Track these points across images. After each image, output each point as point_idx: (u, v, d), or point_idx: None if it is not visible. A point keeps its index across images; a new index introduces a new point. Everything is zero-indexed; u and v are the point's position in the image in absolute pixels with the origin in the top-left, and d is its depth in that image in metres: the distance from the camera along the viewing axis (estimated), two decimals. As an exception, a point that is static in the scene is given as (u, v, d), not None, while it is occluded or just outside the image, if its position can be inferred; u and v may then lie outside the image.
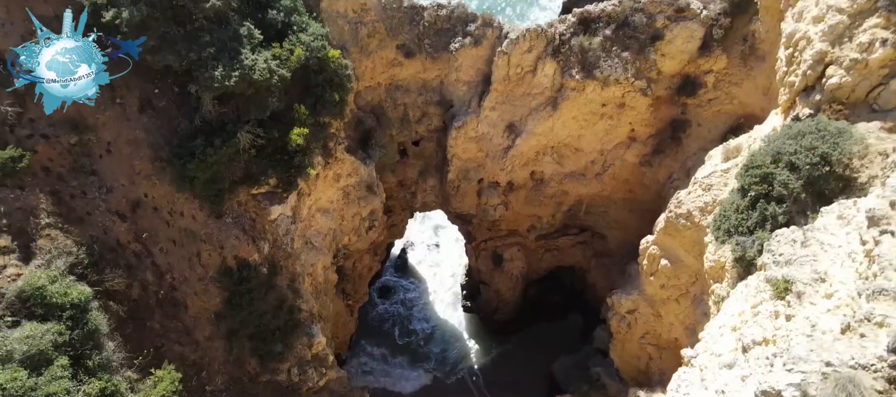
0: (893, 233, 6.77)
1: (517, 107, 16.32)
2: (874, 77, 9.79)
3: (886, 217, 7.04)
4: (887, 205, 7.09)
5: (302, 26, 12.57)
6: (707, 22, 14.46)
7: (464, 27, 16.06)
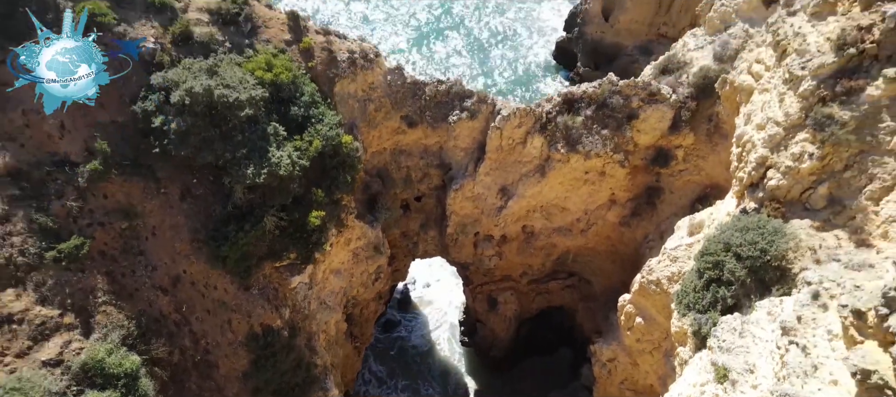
0: (798, 344, 8.47)
1: (509, 172, 18.11)
2: (805, 182, 11.53)
3: (794, 328, 8.74)
4: (795, 319, 8.79)
5: (319, 117, 14.37)
6: (676, 105, 16.29)
7: (461, 102, 17.89)
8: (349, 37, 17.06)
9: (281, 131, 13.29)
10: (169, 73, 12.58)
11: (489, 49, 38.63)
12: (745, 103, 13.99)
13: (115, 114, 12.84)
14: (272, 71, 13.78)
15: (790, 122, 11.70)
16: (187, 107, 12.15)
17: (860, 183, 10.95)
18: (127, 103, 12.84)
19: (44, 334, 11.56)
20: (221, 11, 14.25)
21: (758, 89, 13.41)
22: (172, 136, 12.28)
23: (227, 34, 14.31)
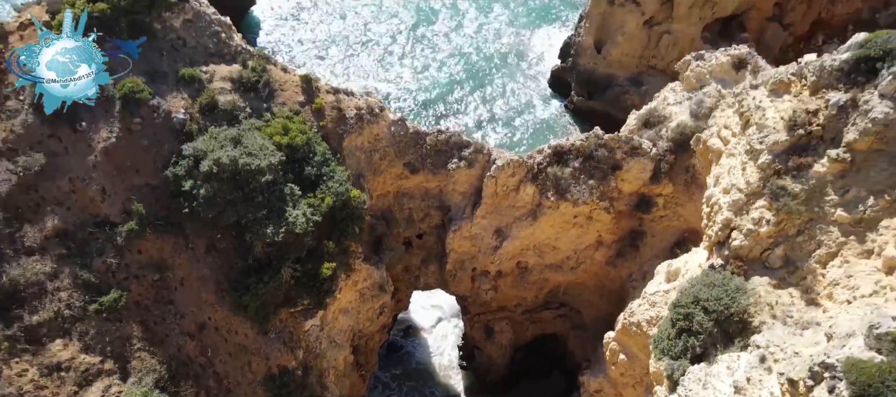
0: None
1: (504, 216, 19.57)
2: (764, 243, 12.93)
3: (744, 388, 10.17)
4: (745, 380, 10.21)
5: (330, 174, 15.84)
6: (656, 157, 17.75)
7: (459, 152, 19.37)
8: (356, 92, 18.56)
9: (296, 191, 14.76)
10: (198, 142, 14.05)
11: (487, 77, 40.13)
12: (716, 163, 15.43)
13: (149, 177, 14.31)
14: (288, 134, 15.26)
15: (750, 190, 13.13)
16: (214, 174, 13.62)
17: (810, 247, 12.36)
18: (160, 168, 14.32)
19: (87, 380, 13.00)
20: (243, 79, 15.75)
21: (725, 153, 14.87)
22: (201, 200, 13.74)
23: (248, 100, 15.80)
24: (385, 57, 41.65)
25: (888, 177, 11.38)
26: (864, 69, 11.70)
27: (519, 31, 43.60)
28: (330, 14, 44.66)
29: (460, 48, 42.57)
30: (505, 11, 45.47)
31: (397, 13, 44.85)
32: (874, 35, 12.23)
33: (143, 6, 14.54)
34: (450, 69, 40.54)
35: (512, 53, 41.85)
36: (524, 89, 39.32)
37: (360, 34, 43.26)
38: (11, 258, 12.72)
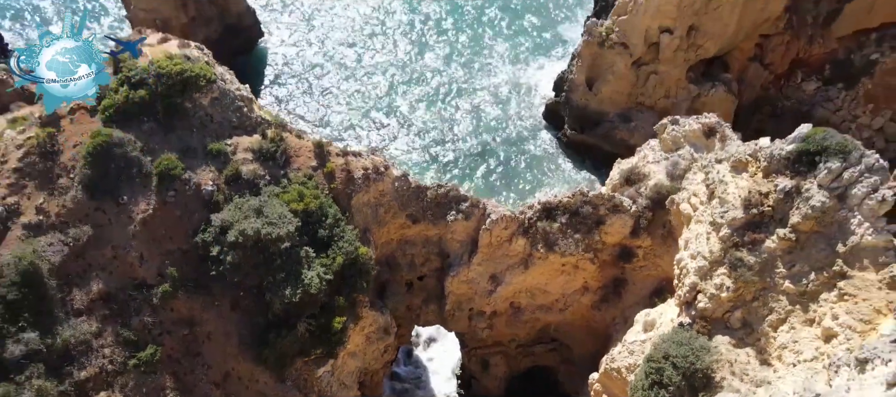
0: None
1: (498, 263, 21.31)
2: (725, 306, 14.65)
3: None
4: None
5: (340, 235, 17.59)
6: (636, 214, 19.51)
7: (457, 205, 21.15)
8: (364, 153, 20.36)
9: (311, 253, 16.50)
10: (224, 213, 15.79)
11: (482, 109, 41.87)
12: (686, 226, 17.16)
13: (181, 243, 16.06)
14: (303, 200, 17.01)
15: (713, 259, 14.86)
16: (240, 244, 15.36)
17: (764, 312, 14.07)
18: (191, 235, 16.06)
19: (128, 428, 14.68)
20: (262, 150, 17.53)
21: (694, 218, 16.60)
22: (227, 265, 15.49)
23: (267, 168, 17.57)
24: (384, 88, 43.50)
25: (826, 256, 13.11)
26: (805, 161, 13.47)
27: (513, 64, 45.45)
28: (331, 46, 46.56)
29: (456, 79, 44.44)
30: (498, 43, 47.38)
31: (396, 45, 46.74)
32: (814, 131, 13.99)
33: (177, 91, 16.35)
34: (447, 102, 42.37)
35: (507, 85, 43.67)
36: (519, 121, 41.12)
37: (359, 66, 45.11)
38: (63, 320, 14.44)
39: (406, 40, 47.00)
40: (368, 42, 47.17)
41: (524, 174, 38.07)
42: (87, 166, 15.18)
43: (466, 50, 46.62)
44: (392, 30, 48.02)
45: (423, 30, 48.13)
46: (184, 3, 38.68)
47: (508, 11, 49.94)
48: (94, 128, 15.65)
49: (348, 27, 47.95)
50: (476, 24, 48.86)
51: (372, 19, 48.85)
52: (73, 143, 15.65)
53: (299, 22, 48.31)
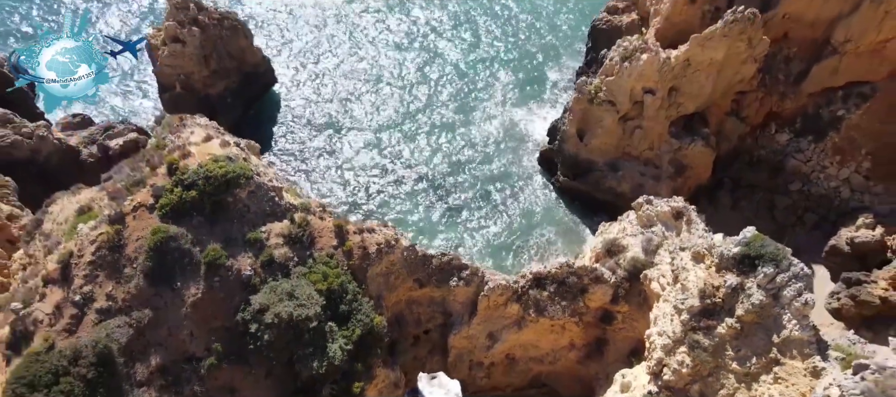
0: None
1: (495, 324, 24.09)
2: (686, 380, 17.37)
3: None
4: None
5: (358, 308, 20.34)
6: (615, 285, 22.34)
7: (459, 273, 23.93)
8: (377, 228, 23.12)
9: (334, 328, 19.22)
10: (260, 297, 18.50)
11: (482, 155, 44.79)
12: (656, 302, 19.94)
13: (224, 321, 18.76)
14: (327, 280, 19.78)
15: (675, 338, 17.61)
16: (275, 324, 18.09)
17: (717, 387, 16.80)
18: (232, 314, 18.76)
19: (182, 483, 17.29)
20: (291, 234, 20.29)
21: (662, 297, 19.37)
22: (264, 342, 18.20)
23: (295, 250, 20.34)
24: (386, 131, 46.38)
25: (764, 344, 15.85)
26: (747, 263, 16.25)
27: (508, 110, 48.38)
28: (338, 89, 49.51)
29: (454, 124, 47.32)
30: (493, 88, 50.24)
31: (396, 89, 49.62)
32: (754, 238, 16.80)
33: (222, 190, 19.14)
34: (446, 145, 45.21)
35: (503, 132, 46.59)
36: (517, 167, 44.00)
37: (362, 109, 47.99)
38: (128, 391, 17.12)
39: (406, 85, 49.99)
40: (370, 86, 50.09)
41: (522, 218, 40.84)
42: (148, 259, 17.90)
43: (462, 94, 49.56)
44: (392, 74, 50.97)
45: (421, 77, 51.14)
46: (206, 58, 41.55)
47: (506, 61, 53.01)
48: (154, 224, 18.40)
49: (352, 73, 50.90)
50: (474, 70, 51.86)
51: (374, 64, 51.84)
52: (136, 237, 18.39)
53: (309, 66, 51.26)
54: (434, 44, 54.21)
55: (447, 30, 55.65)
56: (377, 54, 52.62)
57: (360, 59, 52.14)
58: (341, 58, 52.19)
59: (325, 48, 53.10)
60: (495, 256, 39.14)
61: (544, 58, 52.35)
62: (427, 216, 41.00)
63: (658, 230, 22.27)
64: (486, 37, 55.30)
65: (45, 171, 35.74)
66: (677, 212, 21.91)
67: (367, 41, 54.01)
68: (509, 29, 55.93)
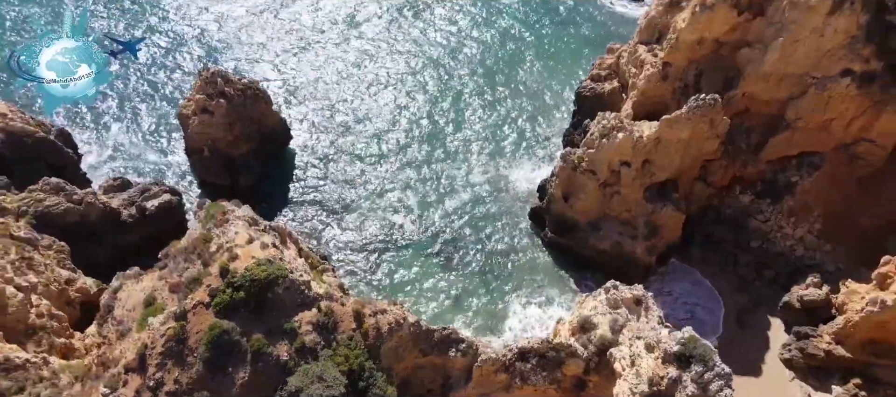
0: None
1: (487, 387, 28.48)
2: (636, 448, 21.84)
3: None
4: None
5: (374, 382, 24.75)
6: (586, 359, 26.82)
7: (457, 345, 28.39)
8: (388, 309, 27.58)
9: (358, 406, 23.67)
10: (295, 379, 22.86)
11: (475, 210, 49.34)
12: (618, 380, 24.37)
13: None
14: (349, 362, 24.23)
15: None
16: (309, 403, 22.50)
17: (660, 455, 21.19)
18: (272, 393, 23.12)
19: None
20: (318, 322, 24.73)
21: (622, 377, 23.79)
22: (303, 414, 22.60)
23: (322, 335, 24.78)
24: (392, 184, 50.99)
25: (694, 425, 20.35)
26: (683, 359, 20.66)
27: (502, 165, 53.04)
28: (350, 145, 54.15)
29: (453, 179, 51.92)
30: (491, 144, 55.05)
31: (402, 142, 54.33)
32: (689, 339, 21.26)
33: (265, 290, 23.60)
34: (447, 205, 49.79)
35: (498, 186, 51.19)
36: (509, 220, 48.52)
37: (370, 163, 52.64)
38: (192, 460, 21.48)
39: (407, 142, 54.70)
40: (373, 141, 54.77)
41: (513, 268, 45.28)
42: (207, 349, 22.30)
43: (461, 149, 54.28)
44: (392, 130, 55.70)
45: (422, 133, 55.87)
46: (231, 125, 46.05)
47: (502, 119, 57.79)
48: (210, 320, 22.82)
49: (354, 129, 55.65)
50: (473, 127, 56.58)
51: (376, 119, 56.57)
52: (197, 331, 22.81)
53: (317, 122, 55.88)
54: (434, 103, 59.04)
55: (446, 90, 60.54)
56: (379, 111, 57.36)
57: (361, 118, 56.67)
58: (345, 115, 56.79)
59: (331, 106, 57.76)
60: (490, 302, 43.30)
61: (536, 117, 57.23)
62: (427, 265, 45.34)
63: (623, 312, 26.82)
64: (484, 95, 60.16)
65: (92, 232, 40.15)
66: (637, 299, 26.46)
67: (372, 99, 58.70)
68: (505, 90, 60.72)
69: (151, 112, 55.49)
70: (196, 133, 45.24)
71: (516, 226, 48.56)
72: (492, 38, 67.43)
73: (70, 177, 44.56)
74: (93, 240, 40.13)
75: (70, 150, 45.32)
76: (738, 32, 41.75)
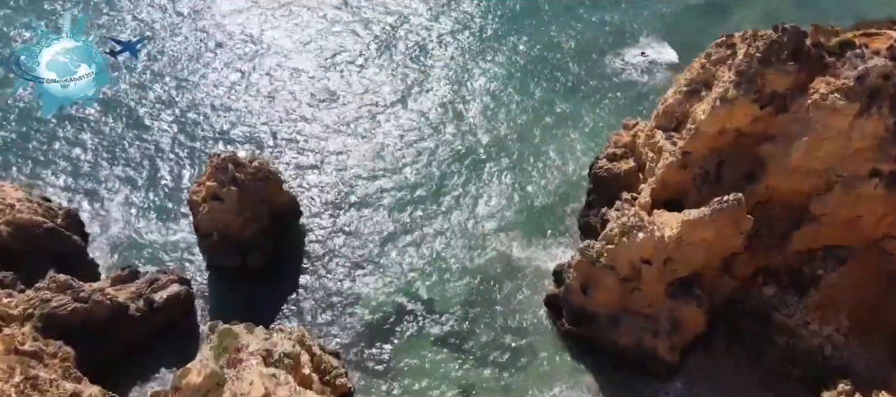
0: None
1: None
2: None
3: None
4: None
5: None
6: None
7: None
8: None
9: None
10: None
11: (485, 298, 47.62)
12: None
13: None
14: None
15: None
16: None
17: None
18: None
19: None
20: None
21: None
22: None
23: None
24: (399, 265, 49.96)
25: None
26: None
27: (510, 243, 51.65)
28: (358, 221, 53.36)
29: (463, 261, 50.65)
30: (494, 216, 53.77)
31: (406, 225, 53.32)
32: None
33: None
34: (452, 290, 48.42)
35: (512, 267, 49.97)
36: (523, 305, 47.27)
37: (379, 243, 51.64)
38: None
39: (420, 216, 53.79)
40: (388, 210, 53.92)
41: (528, 365, 43.82)
42: None
43: (472, 227, 53.16)
44: (407, 200, 54.88)
45: (434, 210, 55.00)
46: (241, 209, 45.30)
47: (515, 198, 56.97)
48: None
49: (370, 200, 54.85)
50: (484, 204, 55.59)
51: (390, 186, 55.76)
52: None
53: (331, 198, 55.12)
54: (443, 177, 57.54)
55: (454, 162, 59.02)
56: (388, 182, 56.49)
57: (368, 190, 55.62)
58: (352, 187, 55.86)
59: (341, 179, 56.93)
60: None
61: (549, 190, 56.18)
62: (435, 351, 43.87)
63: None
64: (496, 164, 59.09)
65: (97, 330, 39.11)
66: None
67: (379, 168, 57.72)
68: (517, 159, 59.51)
69: (158, 183, 54.94)
70: (206, 220, 44.50)
71: (531, 311, 47.25)
72: (504, 99, 66.74)
73: (77, 264, 43.81)
74: (100, 338, 39.13)
75: (77, 237, 44.64)
76: (761, 125, 41.01)
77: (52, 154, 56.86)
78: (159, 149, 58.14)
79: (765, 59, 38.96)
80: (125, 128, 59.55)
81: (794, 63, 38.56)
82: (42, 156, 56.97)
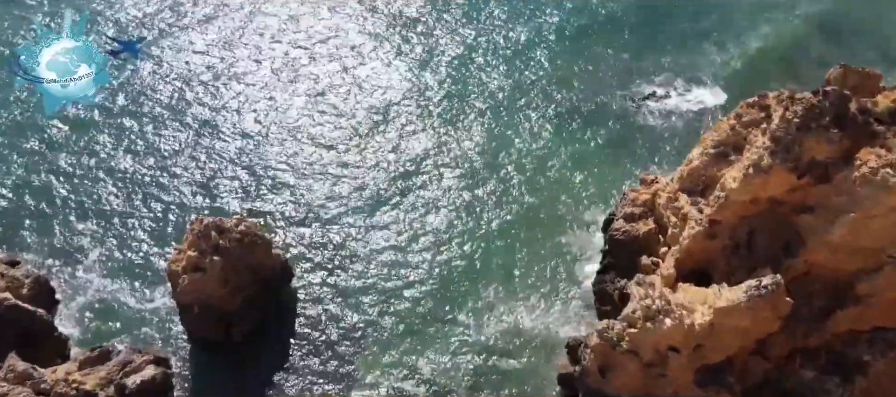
0: None
1: None
2: None
3: None
4: None
5: None
6: None
7: None
8: None
9: None
10: None
11: (495, 375, 43.38)
12: None
13: None
14: None
15: None
16: None
17: None
18: None
19: None
20: None
21: None
22: None
23: None
24: (399, 332, 45.87)
25: None
26: None
27: (518, 312, 47.49)
28: (352, 283, 49.32)
29: (473, 313, 46.75)
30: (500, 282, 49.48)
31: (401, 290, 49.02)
32: None
33: None
34: (459, 363, 44.26)
35: (516, 339, 45.76)
36: (536, 388, 43.11)
37: (375, 308, 47.57)
38: None
39: (422, 287, 49.56)
40: (387, 275, 49.79)
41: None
42: None
43: (473, 292, 48.86)
44: (408, 267, 50.71)
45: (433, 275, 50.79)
46: (225, 279, 41.32)
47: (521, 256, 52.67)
48: None
49: (367, 262, 50.72)
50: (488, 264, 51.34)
51: (389, 251, 51.60)
52: None
53: (325, 259, 50.98)
54: (445, 244, 52.71)
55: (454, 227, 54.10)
56: (386, 245, 52.13)
57: (365, 252, 51.28)
58: (348, 249, 51.61)
59: (334, 240, 52.80)
60: None
61: (560, 251, 51.97)
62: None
63: None
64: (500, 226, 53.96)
65: (58, 426, 35.02)
66: None
67: (377, 231, 53.23)
68: (525, 219, 54.59)
69: (137, 240, 50.78)
70: (187, 292, 40.47)
71: (544, 391, 43.06)
72: (510, 137, 62.34)
73: (43, 340, 39.86)
74: (61, 435, 34.96)
75: (42, 311, 40.58)
76: (798, 194, 37.05)
77: (23, 209, 52.33)
78: (137, 201, 53.74)
79: (804, 125, 35.07)
80: (104, 176, 55.29)
81: (838, 130, 34.71)
82: (10, 206, 52.57)
